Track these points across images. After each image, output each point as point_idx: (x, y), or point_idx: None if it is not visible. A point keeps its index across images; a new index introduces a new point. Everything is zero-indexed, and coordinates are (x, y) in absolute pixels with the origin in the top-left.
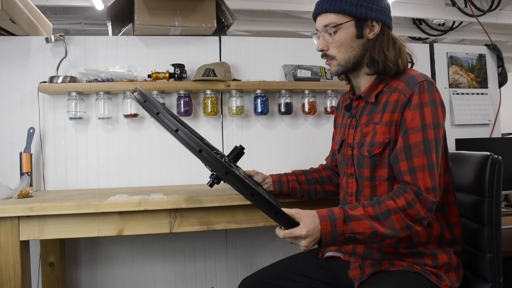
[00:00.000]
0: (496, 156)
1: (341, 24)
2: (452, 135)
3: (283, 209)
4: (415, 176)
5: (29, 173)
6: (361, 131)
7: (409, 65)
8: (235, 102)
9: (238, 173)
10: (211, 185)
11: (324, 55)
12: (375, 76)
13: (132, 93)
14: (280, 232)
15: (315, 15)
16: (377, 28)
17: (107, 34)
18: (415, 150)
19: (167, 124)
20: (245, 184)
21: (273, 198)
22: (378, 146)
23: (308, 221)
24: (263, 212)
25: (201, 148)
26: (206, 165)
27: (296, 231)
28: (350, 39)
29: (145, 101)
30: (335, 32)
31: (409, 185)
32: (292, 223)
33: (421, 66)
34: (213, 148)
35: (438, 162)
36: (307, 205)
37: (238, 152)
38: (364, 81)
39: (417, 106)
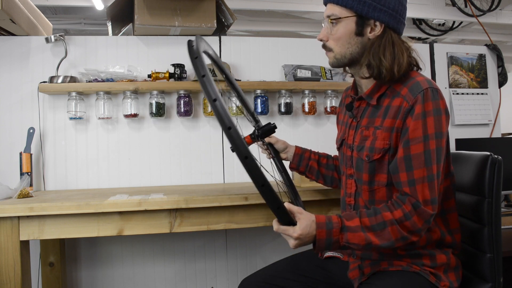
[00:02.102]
0: (496, 156)
1: (341, 18)
2: (452, 135)
3: (286, 204)
4: (414, 188)
5: (29, 173)
6: (361, 133)
7: (415, 68)
8: (235, 102)
9: (256, 162)
10: (232, 150)
11: (323, 46)
12: None
13: (190, 42)
14: (275, 225)
15: (325, 3)
16: (378, 29)
17: (107, 34)
18: (415, 161)
19: (207, 91)
20: (259, 174)
21: (289, 178)
22: (377, 152)
23: (304, 225)
24: (267, 205)
25: (231, 126)
26: (230, 143)
27: (290, 230)
28: (348, 34)
29: (196, 57)
30: (335, 25)
31: (407, 197)
32: (290, 221)
33: (423, 70)
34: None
35: (439, 173)
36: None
37: (269, 129)
38: (365, 81)
39: (420, 116)
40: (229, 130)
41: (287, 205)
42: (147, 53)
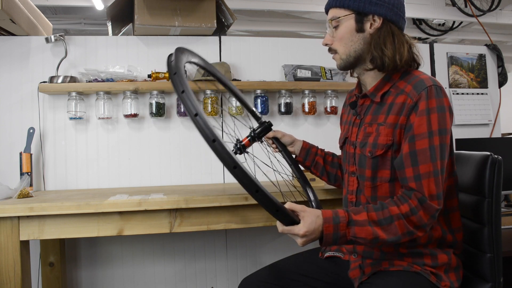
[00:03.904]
0: (496, 156)
1: (340, 17)
2: (452, 135)
3: (288, 203)
4: (420, 183)
5: (29, 173)
6: (364, 130)
7: (416, 65)
8: (235, 102)
9: (245, 169)
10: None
11: (329, 50)
12: (382, 75)
13: (169, 58)
14: (280, 226)
15: (326, 11)
16: (378, 23)
17: (107, 34)
18: (421, 157)
19: (187, 107)
20: (251, 181)
21: (299, 170)
22: (380, 147)
23: (309, 221)
24: (265, 210)
25: (215, 139)
26: (216, 156)
27: (295, 229)
28: (350, 33)
29: (175, 73)
30: (337, 26)
31: (413, 192)
32: (292, 221)
33: (421, 66)
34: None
35: (443, 169)
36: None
37: (264, 128)
38: (369, 79)
39: (424, 112)
40: (213, 142)
41: (289, 204)
42: (147, 53)
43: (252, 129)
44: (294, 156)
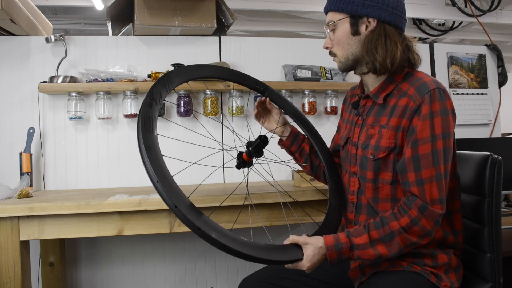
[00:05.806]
0: (496, 156)
1: (335, 21)
2: (455, 136)
3: (291, 237)
4: (422, 188)
5: (29, 173)
6: (366, 131)
7: (411, 66)
8: (235, 102)
9: (237, 249)
10: (237, 166)
11: (329, 52)
12: (384, 77)
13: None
14: (285, 264)
15: (325, 13)
16: (373, 25)
17: (107, 34)
18: (423, 161)
19: (163, 198)
20: (247, 255)
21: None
22: (383, 150)
23: (311, 255)
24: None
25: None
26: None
27: (299, 266)
28: (346, 36)
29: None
30: (333, 30)
31: (413, 201)
32: (294, 260)
33: (421, 66)
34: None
35: (446, 172)
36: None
37: (258, 144)
38: (371, 80)
39: (427, 116)
40: (197, 230)
41: (292, 238)
42: (147, 53)
43: (247, 145)
44: (280, 139)
